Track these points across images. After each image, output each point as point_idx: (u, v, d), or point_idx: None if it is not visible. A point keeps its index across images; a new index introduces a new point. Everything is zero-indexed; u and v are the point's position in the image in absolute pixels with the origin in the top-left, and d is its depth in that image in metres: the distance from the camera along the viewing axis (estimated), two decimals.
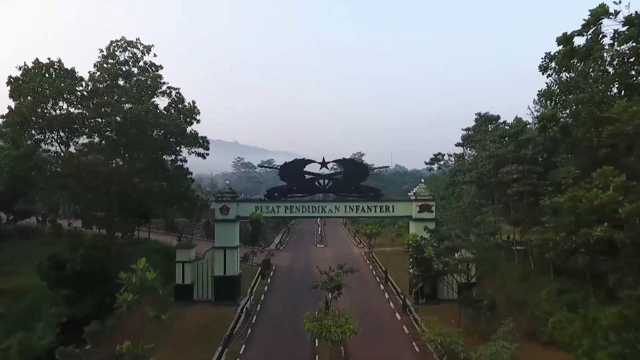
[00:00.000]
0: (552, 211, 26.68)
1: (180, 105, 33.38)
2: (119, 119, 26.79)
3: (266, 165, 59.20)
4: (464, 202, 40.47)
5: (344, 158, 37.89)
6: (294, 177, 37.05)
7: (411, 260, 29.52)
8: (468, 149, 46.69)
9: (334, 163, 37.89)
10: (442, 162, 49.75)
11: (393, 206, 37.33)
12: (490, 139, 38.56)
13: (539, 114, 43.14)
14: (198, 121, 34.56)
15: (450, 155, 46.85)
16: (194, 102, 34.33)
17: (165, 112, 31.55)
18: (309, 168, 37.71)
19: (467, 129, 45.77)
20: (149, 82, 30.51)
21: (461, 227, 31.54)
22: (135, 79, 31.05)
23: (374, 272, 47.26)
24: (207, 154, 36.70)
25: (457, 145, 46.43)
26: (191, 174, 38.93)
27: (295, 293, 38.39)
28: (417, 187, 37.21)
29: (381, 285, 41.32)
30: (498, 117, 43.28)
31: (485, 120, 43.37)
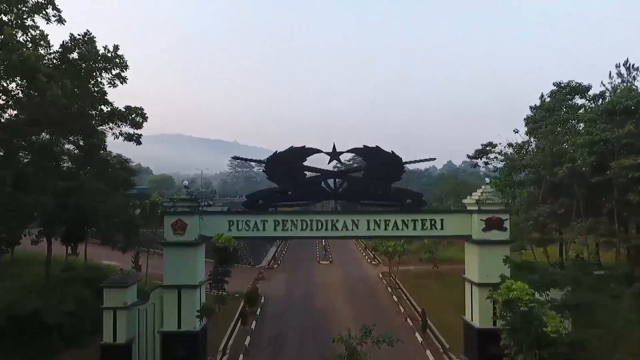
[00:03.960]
0: None
1: (84, 48, 20.02)
2: None
3: (243, 157, 38.68)
4: (535, 211, 27.44)
5: (365, 146, 24.72)
6: (288, 176, 24.06)
7: (508, 328, 15.75)
8: (532, 136, 33.51)
9: (350, 154, 24.97)
10: (492, 156, 36.39)
11: (442, 220, 24.12)
12: (587, 117, 25.42)
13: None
14: (123, 80, 21.22)
15: (510, 145, 33.58)
16: (116, 48, 20.91)
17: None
18: (311, 162, 24.76)
19: (537, 107, 32.56)
20: None
21: (578, 264, 18.33)
22: None
23: (401, 308, 34.03)
24: (140, 135, 23.37)
25: (521, 129, 33.19)
26: (132, 173, 25.60)
27: (293, 352, 25.46)
28: (481, 189, 24.06)
29: (417, 335, 28.14)
30: (589, 88, 30.10)
31: (570, 92, 30.20)
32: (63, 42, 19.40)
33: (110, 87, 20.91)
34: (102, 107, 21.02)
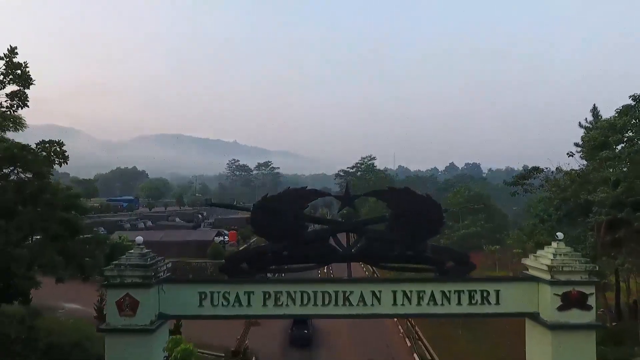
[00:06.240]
0: None
1: None
2: None
3: (218, 204, 28.75)
4: (608, 267, 20.84)
5: (390, 188, 18.10)
6: (283, 229, 17.31)
7: None
8: (587, 160, 26.76)
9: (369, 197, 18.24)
10: (535, 180, 29.65)
11: (497, 292, 17.31)
12: None
13: None
14: (23, 102, 14.31)
15: (566, 172, 26.88)
16: (11, 52, 13.65)
17: None
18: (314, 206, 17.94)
19: (598, 126, 25.87)
20: None
21: None
22: None
23: None
24: (42, 175, 16.53)
25: (574, 153, 26.51)
26: (84, 210, 18.83)
27: None
28: (553, 248, 17.21)
29: None
30: None
31: None
32: None
33: (6, 111, 14.26)
34: None
